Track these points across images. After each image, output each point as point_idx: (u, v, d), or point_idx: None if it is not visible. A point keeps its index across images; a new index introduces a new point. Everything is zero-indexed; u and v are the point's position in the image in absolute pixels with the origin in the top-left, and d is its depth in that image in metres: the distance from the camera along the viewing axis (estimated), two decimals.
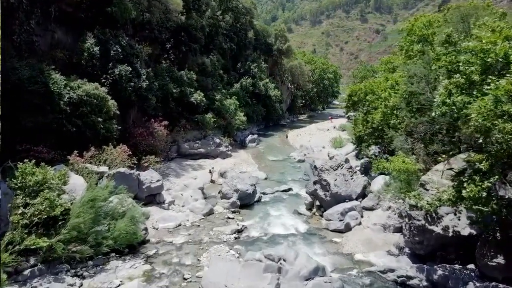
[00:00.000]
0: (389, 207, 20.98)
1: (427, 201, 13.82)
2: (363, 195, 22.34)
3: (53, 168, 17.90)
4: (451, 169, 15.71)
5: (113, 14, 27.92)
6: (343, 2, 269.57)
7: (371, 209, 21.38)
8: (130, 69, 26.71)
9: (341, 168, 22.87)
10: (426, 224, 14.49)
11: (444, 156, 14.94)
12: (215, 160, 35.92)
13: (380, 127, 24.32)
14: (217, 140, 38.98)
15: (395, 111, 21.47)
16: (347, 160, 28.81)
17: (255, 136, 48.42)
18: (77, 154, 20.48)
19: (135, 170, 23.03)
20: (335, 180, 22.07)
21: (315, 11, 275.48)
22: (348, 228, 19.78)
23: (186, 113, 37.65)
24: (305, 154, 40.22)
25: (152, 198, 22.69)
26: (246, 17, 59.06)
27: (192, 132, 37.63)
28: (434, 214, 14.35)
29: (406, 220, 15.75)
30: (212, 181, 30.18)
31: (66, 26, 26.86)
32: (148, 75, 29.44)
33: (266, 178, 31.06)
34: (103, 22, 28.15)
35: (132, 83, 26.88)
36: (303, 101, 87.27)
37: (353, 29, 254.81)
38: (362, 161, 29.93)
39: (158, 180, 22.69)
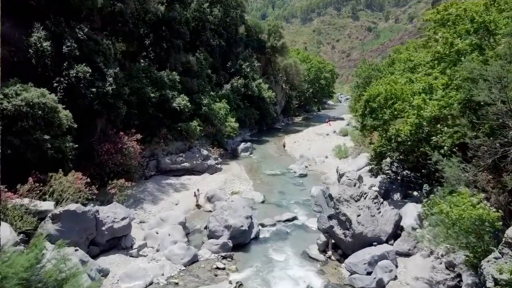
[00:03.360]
0: (431, 252, 15.88)
1: None
2: (394, 234, 17.09)
3: None
4: None
5: (72, 2, 22.31)
6: None
7: (407, 254, 16.16)
8: (91, 70, 21.07)
9: (365, 198, 17.58)
10: None
11: None
12: (202, 177, 30.41)
13: (409, 142, 19.11)
14: (205, 152, 33.38)
15: (438, 124, 16.23)
16: (360, 178, 23.56)
17: (248, 144, 42.79)
18: (6, 189, 14.86)
19: (93, 204, 17.49)
20: (358, 215, 16.76)
21: (306, 8, 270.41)
22: (380, 286, 14.53)
23: (167, 120, 31.93)
24: (306, 167, 34.93)
25: (116, 241, 17.14)
26: (237, 11, 53.32)
27: (174, 144, 31.90)
28: None
29: None
30: (198, 206, 24.73)
31: (13, 17, 21.28)
32: (116, 77, 23.74)
33: (263, 201, 25.59)
34: (60, 11, 22.57)
35: (94, 88, 21.25)
36: (298, 102, 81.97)
37: (345, 26, 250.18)
38: (379, 179, 24.75)
39: (124, 218, 17.11)
